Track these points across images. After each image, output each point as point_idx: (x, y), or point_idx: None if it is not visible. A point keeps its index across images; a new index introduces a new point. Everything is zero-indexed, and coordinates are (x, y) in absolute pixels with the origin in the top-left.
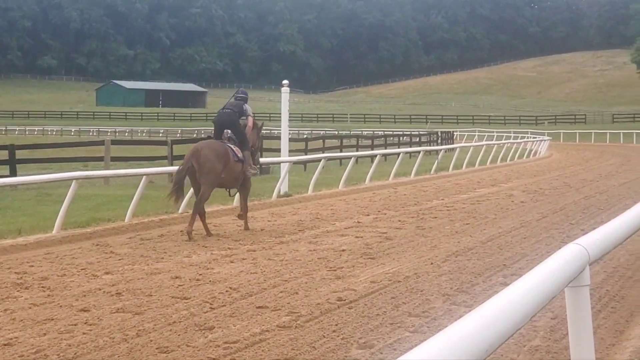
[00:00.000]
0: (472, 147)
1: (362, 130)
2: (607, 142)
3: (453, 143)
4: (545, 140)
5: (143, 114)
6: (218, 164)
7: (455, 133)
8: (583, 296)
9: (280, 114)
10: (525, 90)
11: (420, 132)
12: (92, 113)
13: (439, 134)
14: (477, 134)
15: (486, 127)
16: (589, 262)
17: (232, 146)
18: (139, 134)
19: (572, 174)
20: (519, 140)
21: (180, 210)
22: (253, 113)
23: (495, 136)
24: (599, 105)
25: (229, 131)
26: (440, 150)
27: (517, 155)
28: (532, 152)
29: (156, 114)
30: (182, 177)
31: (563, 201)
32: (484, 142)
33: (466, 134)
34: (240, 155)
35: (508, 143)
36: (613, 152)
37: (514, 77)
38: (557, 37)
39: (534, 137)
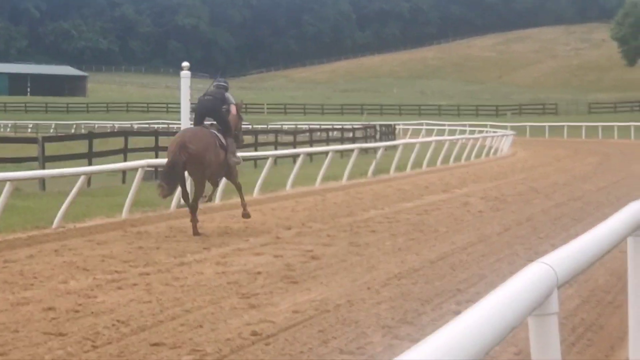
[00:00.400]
0: (418, 144)
1: (282, 124)
2: (583, 137)
3: (395, 139)
4: (508, 135)
5: (7, 104)
6: (208, 155)
7: (397, 127)
8: (550, 326)
9: (179, 104)
10: (483, 74)
11: (355, 126)
12: None
13: (378, 128)
14: (424, 127)
15: (435, 119)
16: (557, 284)
17: (217, 132)
18: (2, 129)
19: (540, 177)
20: (476, 136)
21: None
22: (236, 101)
23: (446, 130)
24: (573, 93)
25: (210, 119)
26: (379, 148)
27: (473, 154)
28: (492, 149)
29: (23, 104)
30: (175, 174)
31: (529, 210)
32: (432, 138)
33: (411, 127)
34: (223, 141)
35: (463, 139)
36: (590, 149)
37: (469, 58)
38: (521, 9)
39: (494, 132)
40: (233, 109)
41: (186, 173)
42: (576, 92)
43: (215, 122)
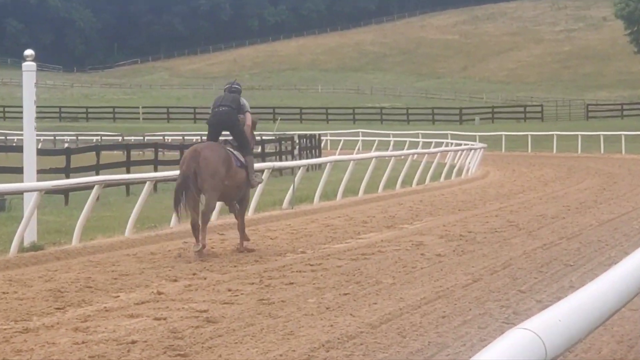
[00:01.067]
0: (352, 162)
1: (164, 135)
2: (579, 151)
3: (320, 155)
4: (476, 148)
5: None
6: (221, 167)
7: (323, 138)
8: None
9: (20, 106)
10: (442, 65)
11: (264, 138)
12: None
13: (297, 141)
14: (360, 138)
15: (376, 127)
16: (545, 359)
17: (232, 150)
18: None
19: (521, 207)
20: (432, 150)
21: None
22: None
23: (392, 143)
24: (564, 90)
25: (226, 133)
26: (299, 167)
27: (429, 176)
28: (456, 169)
29: None
30: (186, 188)
31: (507, 253)
32: (372, 154)
33: (342, 139)
34: (242, 160)
35: (414, 154)
36: (588, 168)
37: (422, 42)
38: None
39: (457, 144)
40: (248, 118)
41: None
42: (569, 89)
43: (229, 138)
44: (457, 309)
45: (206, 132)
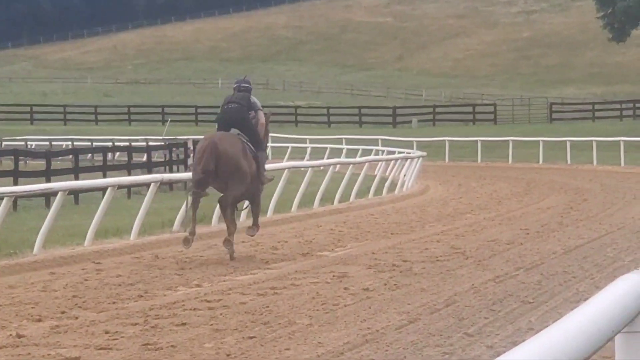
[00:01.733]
0: None
1: (26, 140)
2: (540, 161)
3: None
4: (413, 157)
5: None
6: (242, 159)
7: None
8: None
9: None
10: (372, 54)
11: (150, 143)
12: None
13: (191, 147)
14: (270, 144)
15: (290, 130)
16: None
17: (245, 140)
18: None
19: (469, 230)
20: (359, 160)
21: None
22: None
23: (309, 150)
24: (523, 86)
25: (237, 131)
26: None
27: (354, 191)
28: (388, 183)
29: None
30: (204, 187)
31: (451, 287)
32: (285, 164)
33: None
34: (254, 150)
35: (336, 165)
36: (552, 181)
37: (347, 26)
38: None
39: (390, 152)
40: (262, 116)
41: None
42: (528, 85)
43: (240, 133)
44: (388, 356)
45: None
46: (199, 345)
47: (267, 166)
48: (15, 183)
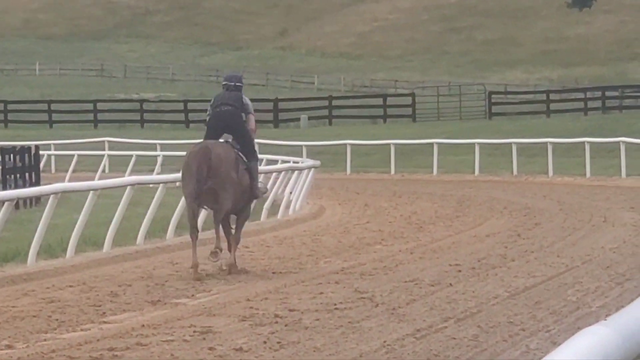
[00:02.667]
0: (91, 194)
1: None
2: (476, 171)
3: (39, 181)
4: (304, 168)
5: None
6: (234, 167)
7: (44, 152)
8: None
9: None
10: (245, 28)
11: None
12: None
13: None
14: (107, 152)
15: (135, 132)
16: None
17: (237, 151)
18: None
19: (378, 266)
20: None
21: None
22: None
23: (160, 159)
24: (452, 69)
25: (229, 137)
26: (2, 202)
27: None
28: (268, 203)
29: None
30: (200, 193)
31: (355, 345)
32: (127, 179)
33: (76, 152)
34: (247, 163)
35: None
36: (493, 199)
37: None
38: None
39: (271, 162)
40: (252, 120)
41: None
42: (460, 67)
43: (230, 140)
44: None
45: None
46: None
47: (103, 182)
48: None
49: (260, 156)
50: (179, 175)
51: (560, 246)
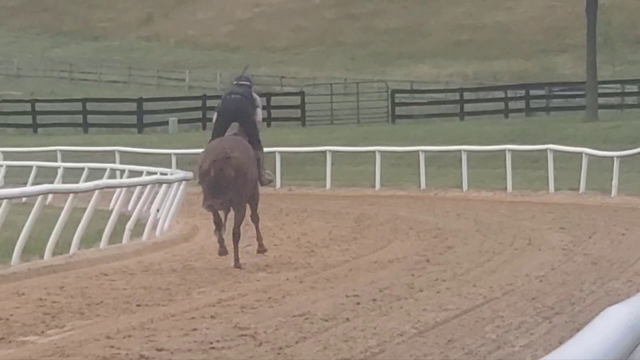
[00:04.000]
0: None
1: None
2: (377, 184)
3: None
4: (173, 181)
5: None
6: (252, 166)
7: None
8: None
9: None
10: (103, 14)
11: None
12: None
13: None
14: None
15: None
16: None
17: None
18: None
19: (262, 298)
20: (82, 186)
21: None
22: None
23: (2, 171)
24: (348, 63)
25: (237, 125)
26: None
27: (76, 237)
28: (131, 222)
29: None
30: (225, 188)
31: None
32: None
33: None
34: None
35: (46, 194)
36: (397, 217)
37: None
38: None
39: (135, 173)
40: (259, 114)
41: None
42: (357, 61)
43: (237, 131)
44: None
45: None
46: None
47: None
48: None
49: (121, 167)
50: (25, 188)
51: (477, 274)
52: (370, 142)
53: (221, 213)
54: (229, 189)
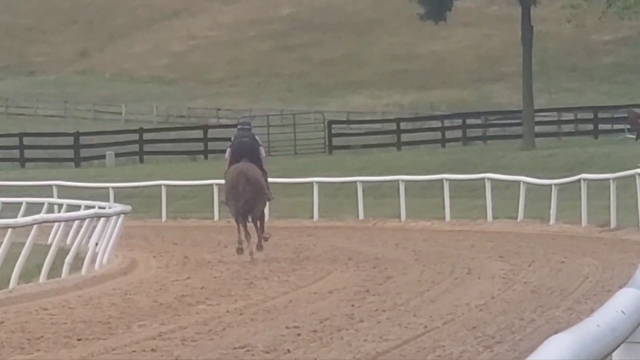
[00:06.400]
0: None
1: None
2: (315, 215)
3: None
4: (111, 215)
5: None
6: (265, 183)
7: None
8: None
9: None
10: (36, 48)
11: None
12: None
13: None
14: None
15: None
16: None
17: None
18: None
19: (202, 330)
20: (19, 220)
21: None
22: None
23: None
24: (285, 95)
25: (247, 160)
26: None
27: (15, 272)
28: (70, 256)
29: None
30: (249, 210)
31: None
32: None
33: None
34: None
35: None
36: (336, 248)
37: None
38: None
39: (72, 208)
40: (262, 151)
41: None
42: (294, 92)
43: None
44: None
45: None
46: None
47: None
48: None
49: (59, 201)
50: None
51: (416, 303)
52: (307, 173)
53: (241, 227)
54: (250, 196)
